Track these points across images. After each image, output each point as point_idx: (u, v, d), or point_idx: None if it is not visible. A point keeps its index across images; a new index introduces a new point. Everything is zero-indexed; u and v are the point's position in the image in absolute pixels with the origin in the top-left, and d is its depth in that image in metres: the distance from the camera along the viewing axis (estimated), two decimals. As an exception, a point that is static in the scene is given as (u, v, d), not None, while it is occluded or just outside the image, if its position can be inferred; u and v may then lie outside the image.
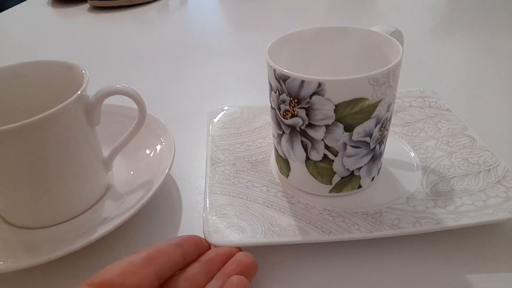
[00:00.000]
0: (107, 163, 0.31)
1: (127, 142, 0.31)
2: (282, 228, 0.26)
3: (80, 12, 0.77)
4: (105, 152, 0.32)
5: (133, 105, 0.30)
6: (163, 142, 0.34)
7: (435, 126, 0.35)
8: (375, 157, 0.28)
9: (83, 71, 0.28)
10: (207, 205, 0.28)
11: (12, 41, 0.67)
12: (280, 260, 0.26)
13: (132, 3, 0.76)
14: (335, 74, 0.30)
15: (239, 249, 0.25)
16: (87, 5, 0.79)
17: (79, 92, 0.26)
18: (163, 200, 0.32)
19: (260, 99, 0.42)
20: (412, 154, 0.32)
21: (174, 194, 0.33)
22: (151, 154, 0.33)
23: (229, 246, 0.25)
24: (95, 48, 0.62)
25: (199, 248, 0.24)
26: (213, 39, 0.62)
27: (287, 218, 0.27)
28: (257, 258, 0.25)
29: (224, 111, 0.38)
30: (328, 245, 0.27)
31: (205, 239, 0.25)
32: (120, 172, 0.33)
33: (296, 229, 0.26)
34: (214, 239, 0.25)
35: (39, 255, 0.24)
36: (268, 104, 0.29)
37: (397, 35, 0.30)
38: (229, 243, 0.25)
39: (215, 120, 0.37)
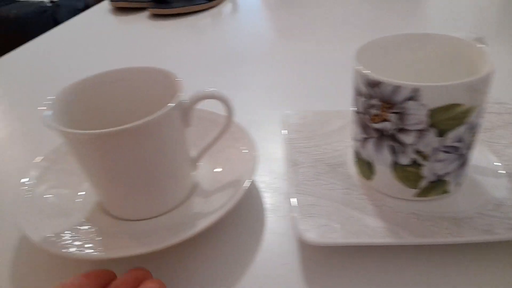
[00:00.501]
0: (194, 162, 0.33)
1: (214, 143, 0.33)
2: (373, 229, 0.27)
3: (140, 20, 0.81)
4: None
5: (207, 108, 0.31)
6: (242, 144, 0.35)
7: (516, 133, 0.34)
8: (464, 163, 0.28)
9: (178, 79, 0.30)
10: (296, 204, 0.29)
11: (76, 49, 0.72)
12: (369, 260, 0.27)
13: (188, 11, 0.79)
14: (415, 79, 0.31)
15: (147, 272, 0.25)
16: (146, 13, 0.83)
17: (178, 98, 0.28)
18: (245, 200, 0.33)
19: (321, 103, 0.43)
20: (495, 161, 0.32)
21: (254, 193, 0.34)
22: (231, 155, 0.35)
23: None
24: (155, 55, 0.65)
25: (99, 280, 0.24)
26: (265, 46, 0.64)
27: (375, 220, 0.28)
28: (344, 256, 0.25)
29: (297, 115, 0.39)
30: (416, 248, 0.27)
31: (108, 270, 0.25)
32: (204, 171, 0.35)
33: (387, 231, 0.27)
34: (308, 237, 0.26)
35: (149, 244, 0.26)
36: (337, 109, 0.30)
37: (481, 42, 0.30)
38: (324, 242, 0.26)
39: (289, 123, 0.38)
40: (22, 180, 0.33)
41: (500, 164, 0.32)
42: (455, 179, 0.29)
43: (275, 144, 0.39)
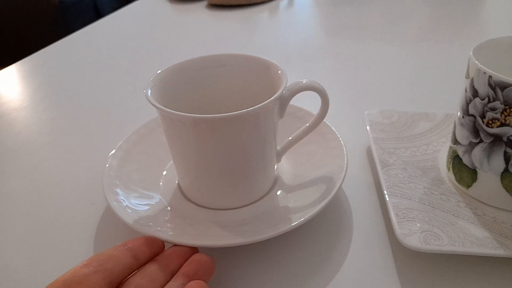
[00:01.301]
0: (279, 155, 0.32)
1: (303, 137, 0.32)
2: (479, 239, 0.25)
3: (198, 9, 0.81)
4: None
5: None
6: (327, 139, 0.34)
7: None
8: None
9: (280, 71, 0.29)
10: (391, 207, 0.28)
11: (132, 36, 0.72)
12: (468, 269, 0.26)
13: (246, 3, 0.79)
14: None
15: (196, 249, 0.25)
16: (205, 2, 0.83)
17: (281, 89, 0.27)
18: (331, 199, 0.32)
19: (401, 104, 0.42)
20: None
21: (339, 193, 0.33)
22: (315, 150, 0.34)
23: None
24: (211, 45, 0.65)
25: (151, 247, 0.24)
26: (322, 42, 0.63)
27: (479, 230, 0.26)
28: (440, 263, 0.24)
29: (382, 114, 0.38)
30: (508, 262, 0.26)
31: (158, 239, 0.25)
32: (285, 165, 0.34)
33: (494, 242, 0.25)
34: (410, 242, 0.25)
35: (247, 235, 0.26)
36: (422, 110, 0.29)
37: None
38: (428, 248, 0.25)
39: (374, 122, 0.37)
40: (111, 153, 0.33)
41: None
42: None
43: (355, 143, 0.38)
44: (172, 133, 0.28)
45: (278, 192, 0.31)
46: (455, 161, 0.30)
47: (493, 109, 0.25)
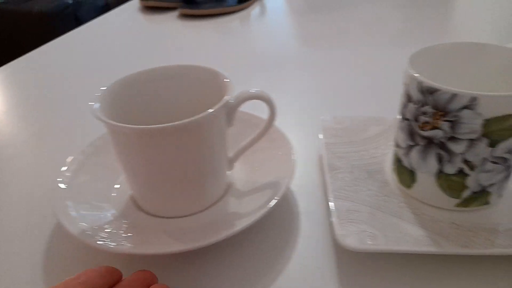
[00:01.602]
0: (231, 162, 0.33)
1: (253, 144, 0.33)
2: (414, 238, 0.27)
3: (170, 19, 0.82)
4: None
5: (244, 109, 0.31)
6: (279, 146, 0.35)
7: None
8: (509, 175, 0.28)
9: (227, 79, 0.30)
10: (334, 210, 0.29)
11: (104, 47, 0.73)
12: (407, 268, 0.27)
13: (218, 13, 0.80)
14: (469, 89, 0.30)
15: (155, 278, 0.24)
16: (176, 13, 0.84)
17: (226, 97, 0.28)
18: (280, 204, 0.33)
19: (355, 110, 0.43)
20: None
21: (290, 197, 0.34)
22: (267, 157, 0.35)
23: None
24: (184, 55, 0.65)
25: (106, 278, 0.23)
26: (293, 50, 0.64)
27: (416, 229, 0.27)
28: (382, 264, 0.25)
29: (335, 120, 0.39)
30: (446, 258, 0.27)
31: (114, 269, 0.24)
32: (238, 172, 0.35)
33: (429, 240, 0.26)
34: (348, 243, 0.26)
35: (189, 242, 0.26)
36: (372, 115, 0.29)
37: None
38: (364, 248, 0.26)
39: (326, 128, 0.38)
40: (62, 169, 0.33)
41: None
42: (498, 190, 0.28)
43: (310, 148, 0.39)
44: (118, 144, 0.28)
45: (229, 199, 0.32)
46: (397, 163, 0.31)
47: (424, 113, 0.27)
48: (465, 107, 0.24)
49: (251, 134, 0.33)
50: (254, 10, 0.86)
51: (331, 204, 0.29)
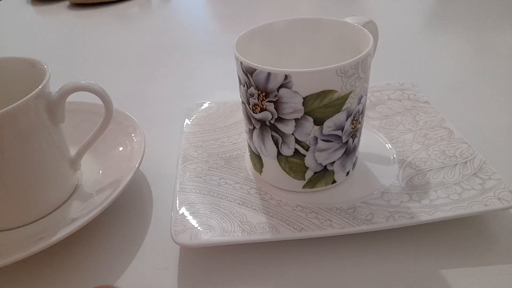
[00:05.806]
0: (74, 163, 0.30)
1: (94, 140, 0.30)
2: (253, 226, 0.25)
3: (60, 10, 0.76)
4: (74, 152, 0.30)
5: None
6: (134, 139, 0.33)
7: (413, 119, 0.34)
8: (349, 151, 0.27)
9: (45, 67, 0.27)
10: (176, 204, 0.27)
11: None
12: (252, 257, 0.26)
13: (111, 0, 0.75)
14: (306, 66, 0.30)
15: None
16: (67, 3, 0.77)
17: (40, 87, 0.25)
18: (135, 200, 0.31)
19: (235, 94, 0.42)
20: (389, 148, 0.32)
21: (146, 193, 0.32)
22: (122, 153, 0.32)
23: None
24: (74, 46, 0.61)
25: None
26: (195, 37, 0.61)
27: (258, 216, 0.26)
28: (229, 256, 0.24)
29: (201, 108, 0.37)
30: (301, 242, 0.26)
31: None
32: (90, 172, 0.32)
33: (266, 227, 0.25)
34: (181, 239, 0.24)
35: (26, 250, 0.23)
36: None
37: (371, 26, 0.29)
38: (194, 243, 0.24)
39: (190, 117, 0.36)
40: None
41: (393, 150, 0.31)
42: (342, 168, 0.28)
43: (177, 140, 0.37)
44: None
45: (73, 203, 0.29)
46: (249, 148, 0.30)
47: (252, 95, 0.25)
48: (282, 85, 0.23)
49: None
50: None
51: (175, 198, 0.28)
